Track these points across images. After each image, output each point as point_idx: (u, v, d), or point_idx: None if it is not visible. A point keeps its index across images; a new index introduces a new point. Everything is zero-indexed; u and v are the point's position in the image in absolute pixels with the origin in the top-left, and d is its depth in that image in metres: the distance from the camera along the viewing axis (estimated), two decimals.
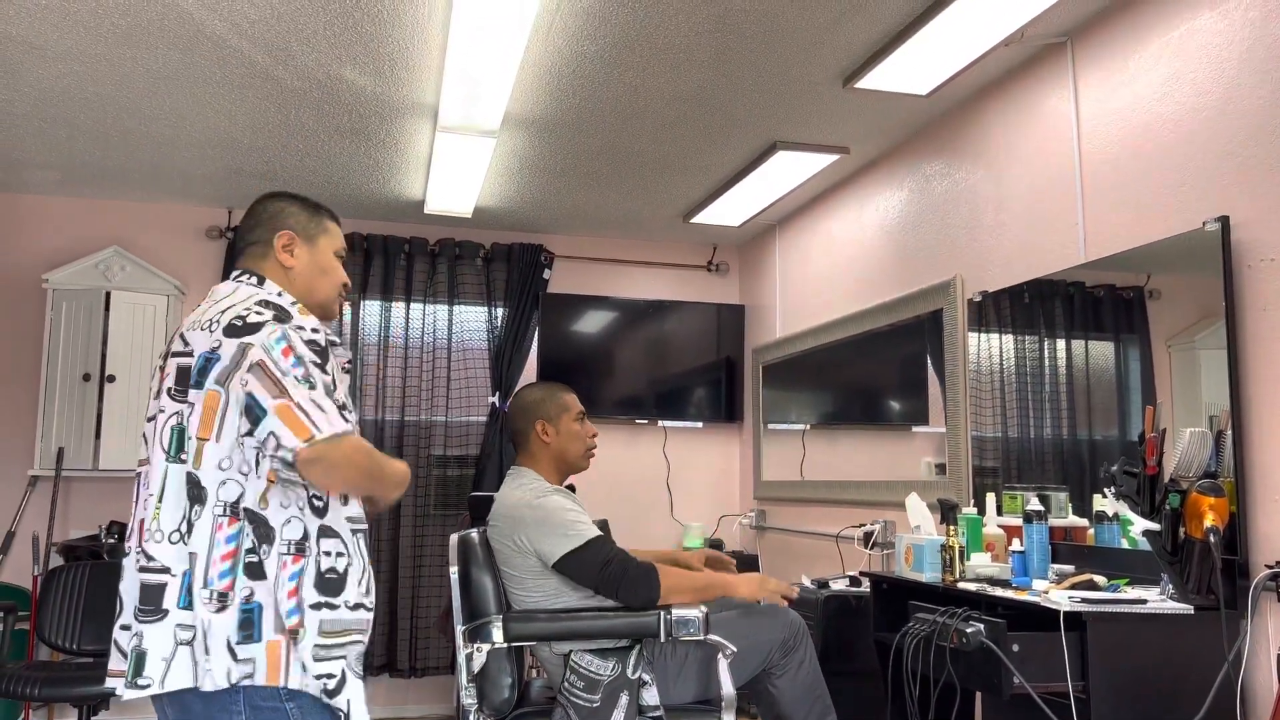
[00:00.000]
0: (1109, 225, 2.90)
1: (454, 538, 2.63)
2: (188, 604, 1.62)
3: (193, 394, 1.68)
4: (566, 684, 2.40)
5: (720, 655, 2.44)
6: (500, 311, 5.26)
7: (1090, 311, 2.97)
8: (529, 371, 5.28)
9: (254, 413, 1.63)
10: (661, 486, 5.47)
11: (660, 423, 5.46)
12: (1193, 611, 2.27)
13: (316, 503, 1.73)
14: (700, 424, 5.53)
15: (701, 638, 2.41)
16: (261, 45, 3.21)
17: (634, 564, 2.49)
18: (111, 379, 4.53)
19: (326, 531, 1.73)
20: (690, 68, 3.34)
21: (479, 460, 5.12)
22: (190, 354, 1.71)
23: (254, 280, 1.85)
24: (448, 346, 5.19)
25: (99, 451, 4.49)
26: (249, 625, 1.63)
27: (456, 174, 4.23)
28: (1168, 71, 2.71)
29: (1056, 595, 2.34)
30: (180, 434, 1.69)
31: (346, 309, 4.99)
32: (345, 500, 1.78)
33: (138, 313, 4.65)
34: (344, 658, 1.71)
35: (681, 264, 5.64)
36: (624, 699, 2.36)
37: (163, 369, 1.77)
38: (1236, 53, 2.50)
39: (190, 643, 1.62)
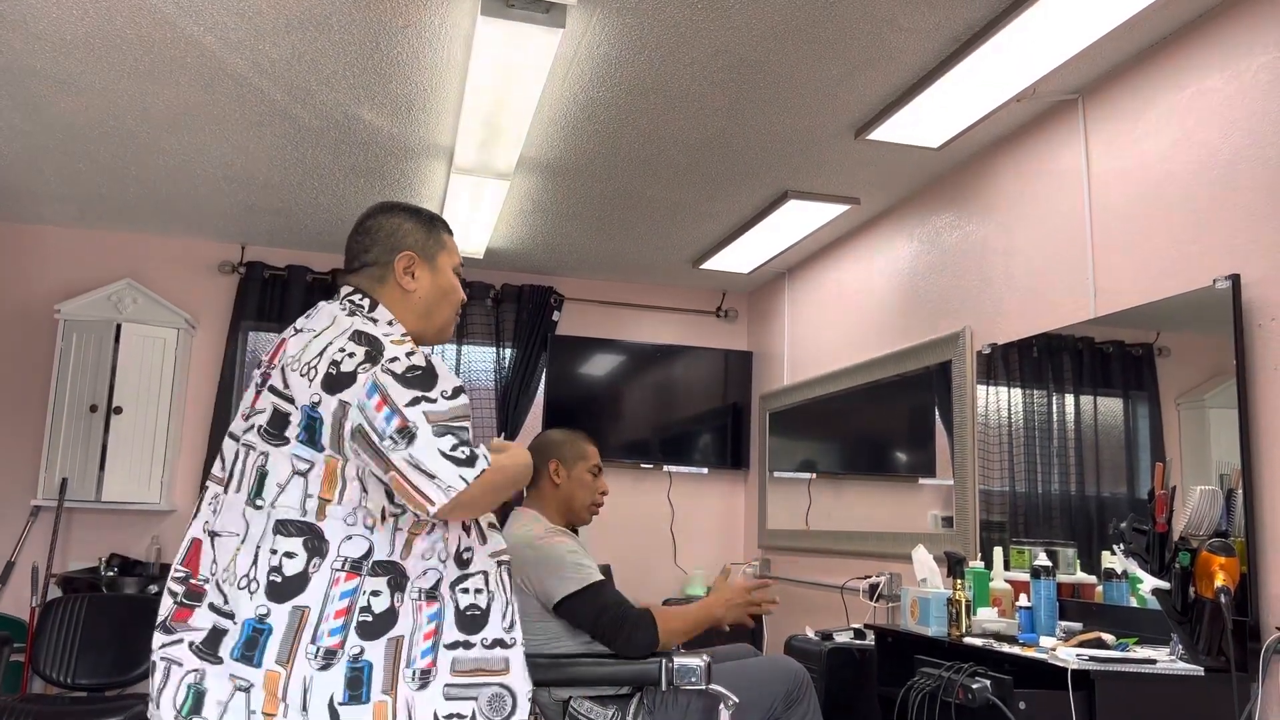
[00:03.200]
0: (1119, 281, 2.91)
1: None
2: (242, 657, 1.55)
3: (303, 450, 1.60)
4: None
5: (722, 705, 2.40)
6: (509, 352, 5.27)
7: (1099, 367, 2.97)
8: (535, 413, 5.28)
9: (384, 484, 1.59)
10: (665, 532, 5.43)
11: (665, 467, 5.44)
12: (1203, 673, 2.24)
13: (466, 555, 1.69)
14: (705, 470, 5.51)
15: (703, 687, 2.38)
16: (281, 84, 3.26)
17: (632, 612, 2.45)
18: (118, 410, 4.54)
19: (465, 577, 1.68)
20: (703, 116, 3.38)
21: None
22: (290, 400, 1.62)
23: (364, 304, 1.75)
24: None
25: (102, 483, 4.48)
26: (358, 685, 1.55)
27: (470, 215, 4.26)
28: (1178, 130, 2.74)
29: (1064, 653, 2.31)
30: (262, 478, 1.61)
31: None
32: (484, 540, 1.74)
33: (147, 345, 4.67)
34: (475, 699, 1.62)
35: (690, 309, 5.66)
36: None
37: (258, 391, 1.69)
38: (1246, 114, 2.52)
39: (247, 690, 1.54)
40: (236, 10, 2.82)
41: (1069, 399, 3.08)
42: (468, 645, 1.64)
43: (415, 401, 1.56)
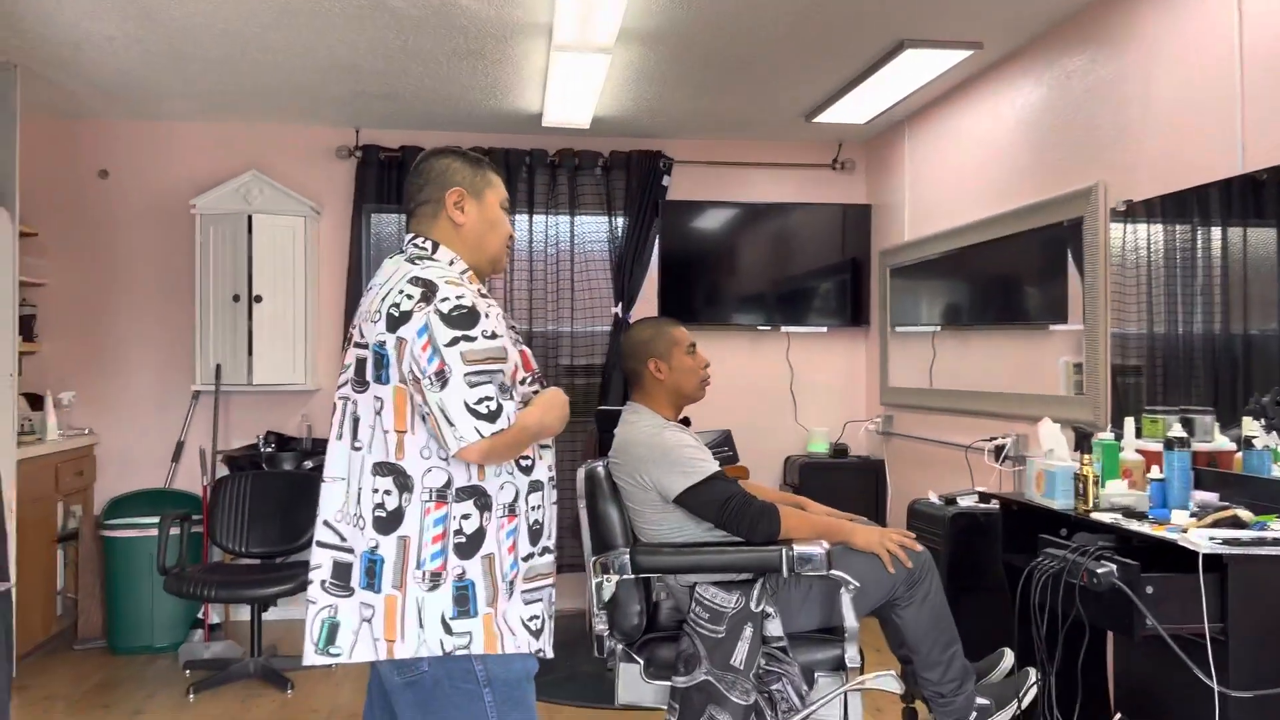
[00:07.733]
0: (1271, 133, 2.66)
1: (580, 472, 2.72)
2: (368, 585, 1.77)
3: (377, 388, 1.79)
4: (692, 615, 2.48)
5: (843, 589, 2.48)
6: (620, 220, 5.25)
7: (1251, 197, 2.74)
8: (651, 280, 5.28)
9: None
10: (785, 393, 5.46)
11: (783, 328, 5.42)
12: None
13: (524, 461, 1.87)
14: (824, 328, 5.46)
15: (824, 573, 2.45)
16: None
17: (755, 502, 2.52)
18: (259, 299, 4.78)
19: (535, 486, 1.88)
20: None
21: (604, 369, 5.22)
22: (365, 346, 1.81)
23: (426, 247, 1.91)
24: (570, 257, 5.24)
25: (252, 367, 4.78)
26: (465, 601, 1.76)
27: (572, 89, 4.19)
28: None
29: (1196, 535, 2.26)
30: (356, 424, 1.81)
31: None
32: (540, 456, 1.91)
33: (278, 234, 4.85)
34: (541, 600, 1.87)
35: (805, 164, 5.48)
36: (748, 631, 2.44)
37: (345, 352, 1.89)
38: None
39: (370, 620, 1.77)
40: None
41: (1215, 231, 2.87)
42: (531, 556, 1.87)
43: (455, 341, 1.73)
